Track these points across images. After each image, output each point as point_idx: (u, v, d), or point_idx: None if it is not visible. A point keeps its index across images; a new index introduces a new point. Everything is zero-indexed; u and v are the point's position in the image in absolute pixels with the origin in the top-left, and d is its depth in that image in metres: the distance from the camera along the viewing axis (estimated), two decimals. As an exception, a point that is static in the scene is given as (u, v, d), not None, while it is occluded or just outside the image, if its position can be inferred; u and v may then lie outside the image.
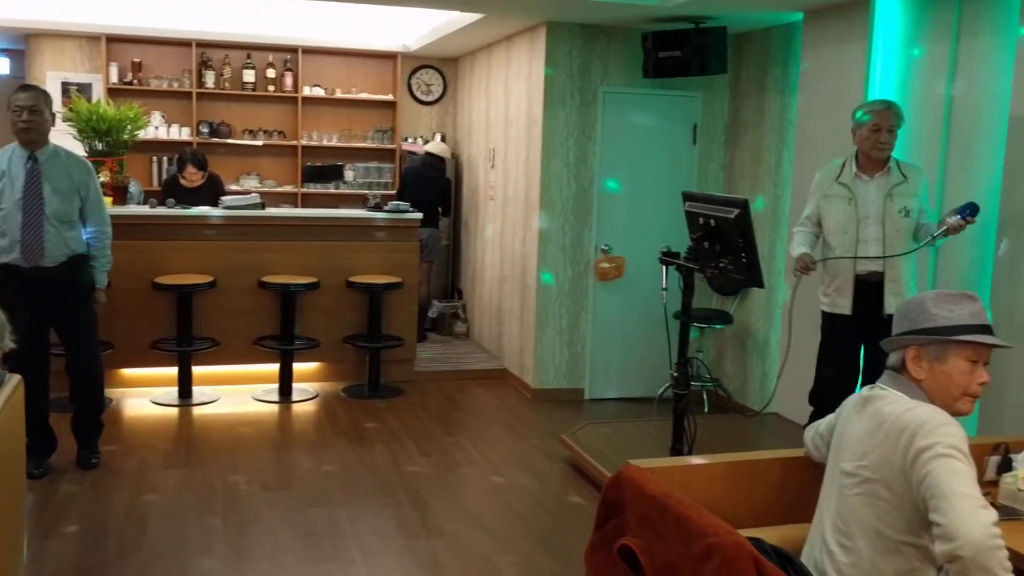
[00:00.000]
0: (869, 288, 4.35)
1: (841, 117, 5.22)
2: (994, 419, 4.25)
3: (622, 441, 5.22)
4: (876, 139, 4.29)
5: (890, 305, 4.25)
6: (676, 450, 4.13)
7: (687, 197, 4.22)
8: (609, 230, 6.50)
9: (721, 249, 3.93)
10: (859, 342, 4.42)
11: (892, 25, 5.01)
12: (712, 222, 3.94)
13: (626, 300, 6.57)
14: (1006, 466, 2.77)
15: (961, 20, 4.57)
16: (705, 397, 6.30)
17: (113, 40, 8.14)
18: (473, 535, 4.19)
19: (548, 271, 6.43)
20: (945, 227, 4.06)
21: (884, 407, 2.16)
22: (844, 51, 5.23)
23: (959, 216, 4.03)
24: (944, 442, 1.98)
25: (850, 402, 2.35)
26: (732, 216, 3.80)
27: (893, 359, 2.25)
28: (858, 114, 4.40)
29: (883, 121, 4.28)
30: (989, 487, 2.64)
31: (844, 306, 4.40)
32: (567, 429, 5.52)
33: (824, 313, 4.51)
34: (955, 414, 2.14)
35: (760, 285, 3.83)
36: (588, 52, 6.35)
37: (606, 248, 6.49)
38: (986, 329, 2.17)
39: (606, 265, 6.47)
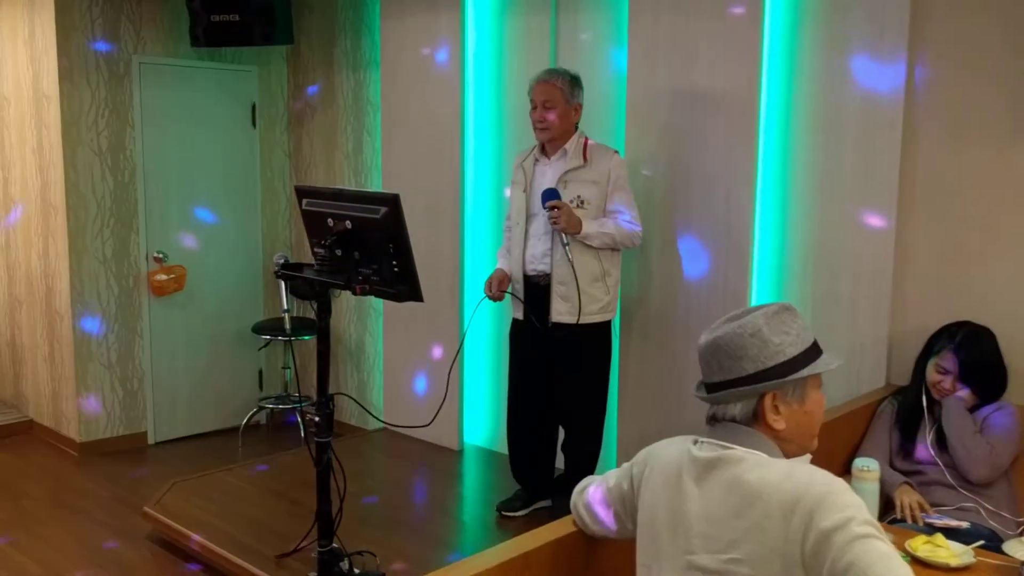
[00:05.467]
0: (539, 291, 3.74)
1: (438, 97, 4.72)
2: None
3: (223, 499, 4.18)
4: (534, 117, 3.72)
5: (557, 312, 3.67)
6: (323, 512, 3.27)
7: (304, 193, 3.34)
8: (162, 233, 5.29)
9: (362, 257, 3.15)
10: (541, 354, 3.82)
11: (486, -5, 4.61)
12: (349, 224, 3.14)
13: (191, 317, 5.43)
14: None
15: (560, -8, 4.32)
16: (300, 420, 5.45)
17: None
18: None
19: (86, 289, 5.03)
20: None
21: (746, 475, 1.61)
22: (432, 23, 4.71)
23: (545, 210, 3.60)
24: (858, 517, 1.49)
25: (671, 464, 1.75)
26: (378, 216, 3.03)
27: (740, 410, 1.68)
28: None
29: (536, 95, 3.70)
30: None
31: (518, 309, 3.85)
32: (137, 490, 4.35)
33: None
34: (811, 454, 1.70)
35: (418, 298, 3.12)
36: (115, 12, 5.03)
37: (160, 256, 5.26)
38: (819, 345, 1.73)
39: (163, 277, 5.25)
